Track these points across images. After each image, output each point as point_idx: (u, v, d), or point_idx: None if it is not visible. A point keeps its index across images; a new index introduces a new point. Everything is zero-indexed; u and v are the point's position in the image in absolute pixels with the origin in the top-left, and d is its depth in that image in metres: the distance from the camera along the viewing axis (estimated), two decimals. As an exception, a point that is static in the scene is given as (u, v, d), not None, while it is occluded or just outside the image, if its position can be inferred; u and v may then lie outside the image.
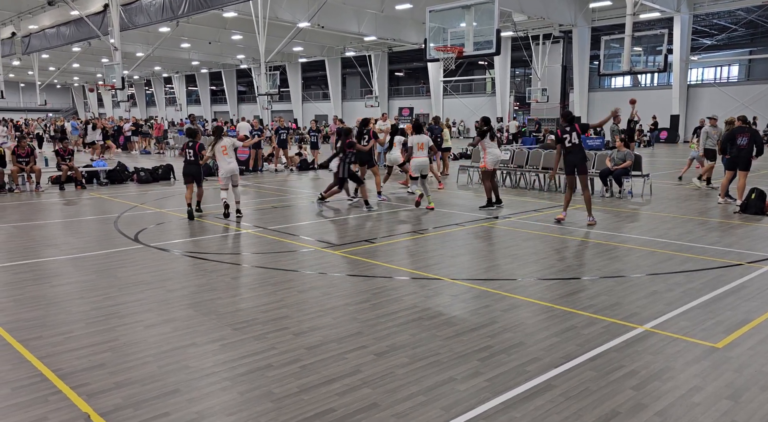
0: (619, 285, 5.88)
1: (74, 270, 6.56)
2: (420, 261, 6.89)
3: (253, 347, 4.30)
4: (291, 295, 5.57)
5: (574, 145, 8.96)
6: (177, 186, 14.81)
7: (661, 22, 32.73)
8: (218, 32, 37.99)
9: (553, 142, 16.38)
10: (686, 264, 6.69)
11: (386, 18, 33.41)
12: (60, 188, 13.88)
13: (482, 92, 45.34)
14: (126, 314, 5.05)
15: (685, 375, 3.84)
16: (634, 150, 14.25)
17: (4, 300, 5.43)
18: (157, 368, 3.94)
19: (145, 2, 25.71)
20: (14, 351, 4.23)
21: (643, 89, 37.95)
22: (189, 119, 16.88)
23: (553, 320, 4.86)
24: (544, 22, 33.88)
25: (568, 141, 8.97)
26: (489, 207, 10.75)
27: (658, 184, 14.15)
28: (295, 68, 51.71)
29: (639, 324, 4.74)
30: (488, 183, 10.75)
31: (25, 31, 34.07)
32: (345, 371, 3.89)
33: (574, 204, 10.84)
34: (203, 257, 7.12)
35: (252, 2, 26.07)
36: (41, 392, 3.60)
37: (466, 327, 4.69)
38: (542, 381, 3.74)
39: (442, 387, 3.66)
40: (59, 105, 75.45)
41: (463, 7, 13.43)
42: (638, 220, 9.71)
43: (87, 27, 27.17)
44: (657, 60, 20.10)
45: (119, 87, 24.29)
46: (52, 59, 46.66)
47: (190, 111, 56.08)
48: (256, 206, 11.40)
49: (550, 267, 6.62)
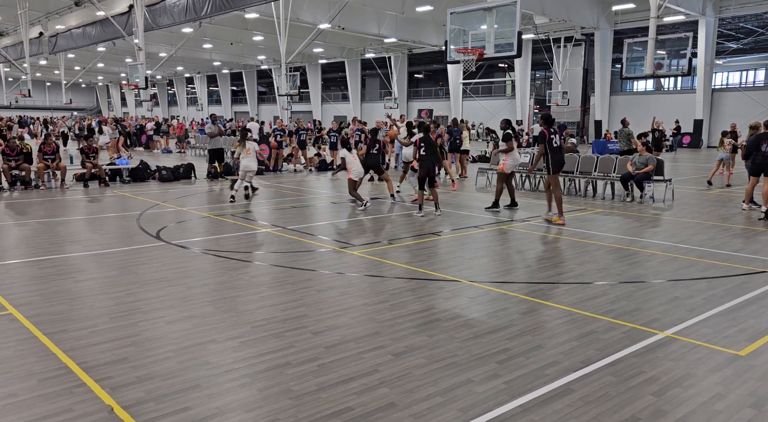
0: (639, 290, 5.82)
1: (97, 265, 6.68)
2: (438, 263, 6.89)
3: (272, 345, 4.34)
4: (309, 294, 5.61)
5: (559, 146, 9.39)
6: (198, 184, 14.98)
7: (686, 25, 32.26)
8: (240, 33, 38.38)
9: (573, 145, 16.28)
10: (709, 270, 6.59)
11: (406, 20, 33.43)
12: (84, 185, 14.13)
13: (502, 94, 45.13)
14: (148, 310, 5.13)
15: (707, 382, 3.79)
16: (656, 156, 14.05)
17: (31, 294, 5.55)
18: (177, 363, 4.00)
19: (169, 3, 26.06)
20: (40, 344, 4.32)
21: (666, 93, 37.45)
22: (210, 119, 17.03)
23: (572, 324, 4.83)
24: (565, 25, 33.62)
25: (555, 142, 9.29)
26: (494, 208, 10.75)
27: (681, 189, 13.96)
28: (315, 69, 51.99)
29: (660, 330, 4.69)
30: (500, 185, 10.77)
31: (52, 31, 34.74)
32: (363, 370, 3.91)
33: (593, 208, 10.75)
34: (223, 255, 7.20)
35: (274, 3, 26.26)
36: (66, 384, 3.68)
37: (484, 330, 4.68)
38: (561, 384, 3.72)
39: (459, 388, 3.66)
40: (83, 104, 76.80)
41: (484, 9, 13.40)
42: (660, 226, 9.59)
43: (112, 27, 27.60)
44: (681, 63, 19.81)
45: (142, 86, 24.62)
46: (78, 59, 47.57)
47: (211, 111, 56.67)
48: (275, 205, 11.49)
49: (569, 270, 6.57)
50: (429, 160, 10.02)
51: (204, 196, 13.07)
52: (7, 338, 4.43)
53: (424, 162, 10.06)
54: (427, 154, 10.00)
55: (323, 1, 29.19)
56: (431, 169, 10.11)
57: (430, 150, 10.01)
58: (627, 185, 12.16)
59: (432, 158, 10.02)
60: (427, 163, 10.02)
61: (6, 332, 4.56)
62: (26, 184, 13.53)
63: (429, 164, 10.03)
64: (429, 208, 10.66)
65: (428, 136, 10.20)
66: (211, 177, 16.04)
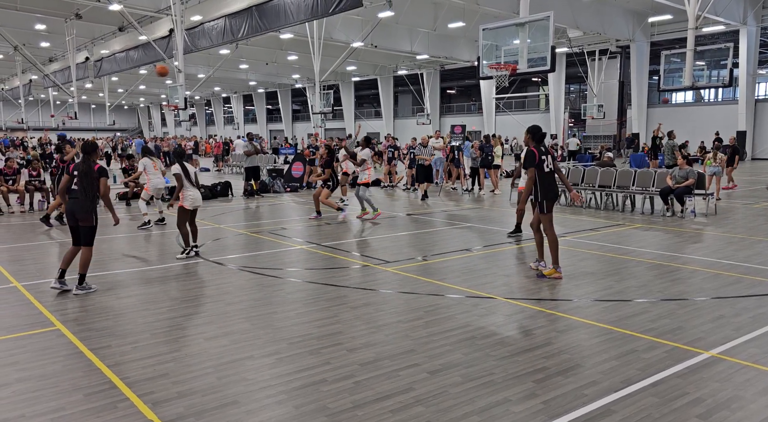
0: (681, 308, 5.65)
1: (139, 282, 6.87)
2: (472, 280, 6.84)
3: (308, 362, 4.38)
4: (344, 311, 5.64)
5: (551, 171, 6.96)
6: (235, 202, 15.28)
7: (726, 35, 31.50)
8: (275, 53, 39.23)
9: (610, 159, 15.97)
10: (755, 288, 6.36)
11: (439, 36, 33.62)
12: (126, 204, 14.57)
13: (536, 109, 44.76)
14: (187, 326, 5.25)
15: (757, 405, 3.65)
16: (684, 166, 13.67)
17: (77, 310, 5.75)
18: (216, 379, 4.07)
19: (207, 26, 26.89)
20: (86, 359, 4.46)
21: (706, 104, 36.52)
22: (247, 137, 17.41)
23: (611, 343, 4.72)
24: (600, 38, 33.23)
25: (547, 165, 6.90)
26: (516, 233, 9.71)
27: (723, 203, 13.54)
28: (348, 87, 52.63)
29: (704, 350, 4.55)
30: (523, 206, 8.30)
31: (97, 56, 36.22)
32: (398, 388, 3.90)
33: (632, 222, 10.51)
34: (259, 272, 7.31)
35: (308, 24, 26.82)
36: (111, 398, 3.79)
37: (521, 348, 4.62)
38: (601, 405, 3.64)
39: (496, 407, 3.62)
40: (126, 124, 79.48)
41: (516, 25, 13.38)
42: (702, 241, 9.31)
43: (153, 51, 28.62)
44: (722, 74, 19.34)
45: (182, 107, 25.39)
46: (121, 81, 49.36)
47: (247, 129, 57.90)
48: (309, 222, 11.62)
49: (607, 288, 6.44)
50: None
51: (240, 213, 13.32)
52: (55, 353, 4.59)
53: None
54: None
55: (356, 20, 29.65)
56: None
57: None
58: (667, 199, 11.87)
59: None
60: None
61: (55, 347, 4.73)
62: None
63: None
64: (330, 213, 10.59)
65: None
66: (248, 194, 16.35)
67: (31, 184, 13.57)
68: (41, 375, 4.17)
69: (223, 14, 25.49)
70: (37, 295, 6.27)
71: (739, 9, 29.05)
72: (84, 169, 6.40)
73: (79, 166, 6.42)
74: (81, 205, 6.31)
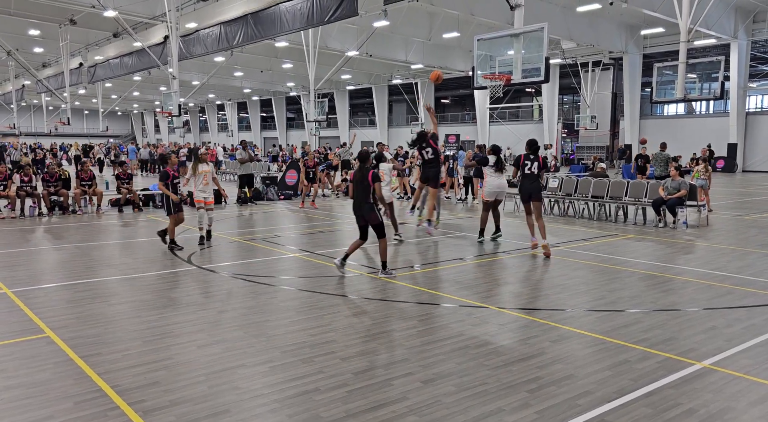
0: (674, 319, 5.67)
1: (130, 289, 6.81)
2: (466, 289, 6.84)
3: (301, 370, 4.35)
4: (338, 319, 5.62)
5: (533, 173, 9.04)
6: (228, 209, 15.23)
7: (717, 49, 31.89)
8: (270, 61, 39.31)
9: (603, 170, 16.08)
10: (747, 299, 6.40)
11: (433, 46, 33.81)
12: (119, 210, 14.49)
13: (529, 119, 45.01)
14: (179, 333, 5.21)
15: (749, 416, 3.66)
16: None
17: (67, 318, 5.69)
18: (208, 388, 4.04)
19: (202, 33, 26.91)
20: (76, 367, 4.42)
21: (698, 117, 36.87)
22: (241, 145, 17.40)
23: (604, 353, 4.72)
24: (593, 49, 33.56)
25: (528, 168, 9.04)
26: (479, 237, 10.13)
27: (715, 215, 13.64)
28: (343, 95, 52.77)
29: (697, 361, 4.56)
30: (485, 214, 10.04)
31: (91, 62, 36.12)
32: (391, 397, 3.88)
33: (624, 233, 10.54)
34: (252, 280, 7.28)
35: (303, 32, 26.90)
36: (101, 407, 3.75)
37: (514, 357, 4.61)
38: (594, 415, 3.63)
39: (489, 417, 3.61)
40: (119, 131, 79.21)
41: (511, 36, 13.48)
42: (694, 252, 9.36)
43: (148, 57, 28.58)
44: (713, 87, 19.54)
45: (176, 114, 25.35)
46: (115, 87, 49.26)
47: (241, 137, 57.81)
48: (303, 230, 11.59)
49: (600, 298, 6.45)
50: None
51: (234, 220, 13.27)
52: (44, 361, 4.54)
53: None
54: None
55: (351, 29, 29.78)
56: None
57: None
58: (659, 210, 11.94)
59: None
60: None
61: (44, 355, 4.67)
62: (64, 209, 13.94)
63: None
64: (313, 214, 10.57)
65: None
66: (241, 202, 16.30)
67: (22, 190, 13.48)
68: (30, 382, 4.12)
69: (219, 21, 25.54)
70: (27, 302, 6.21)
71: (730, 23, 29.42)
72: (358, 176, 7.36)
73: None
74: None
